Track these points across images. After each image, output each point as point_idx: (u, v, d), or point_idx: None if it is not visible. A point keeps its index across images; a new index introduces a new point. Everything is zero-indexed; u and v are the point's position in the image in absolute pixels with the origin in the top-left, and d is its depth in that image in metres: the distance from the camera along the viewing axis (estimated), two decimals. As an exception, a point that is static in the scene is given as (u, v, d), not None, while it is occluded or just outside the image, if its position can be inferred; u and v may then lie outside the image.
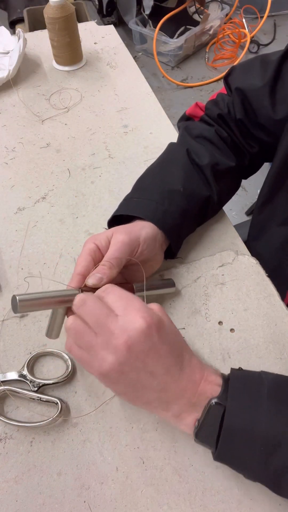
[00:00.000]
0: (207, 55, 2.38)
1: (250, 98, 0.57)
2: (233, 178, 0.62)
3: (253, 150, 0.61)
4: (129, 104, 0.78)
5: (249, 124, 0.59)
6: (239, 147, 0.61)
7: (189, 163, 0.55)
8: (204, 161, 0.55)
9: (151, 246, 0.48)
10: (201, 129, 0.60)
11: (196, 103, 0.64)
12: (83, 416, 0.44)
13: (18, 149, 0.71)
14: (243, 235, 0.62)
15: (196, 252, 0.57)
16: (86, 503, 0.39)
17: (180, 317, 0.51)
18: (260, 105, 0.56)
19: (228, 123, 0.60)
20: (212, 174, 0.55)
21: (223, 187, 0.57)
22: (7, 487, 0.40)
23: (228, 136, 0.59)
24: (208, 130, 0.59)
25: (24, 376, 0.45)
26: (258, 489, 0.40)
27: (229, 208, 1.65)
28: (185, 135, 0.60)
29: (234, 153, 0.60)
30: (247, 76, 0.58)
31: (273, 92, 0.55)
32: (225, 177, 0.58)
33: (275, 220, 0.61)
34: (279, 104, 0.55)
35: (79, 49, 0.85)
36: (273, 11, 2.48)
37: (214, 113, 0.60)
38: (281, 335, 0.49)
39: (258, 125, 0.58)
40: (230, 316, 0.51)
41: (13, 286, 0.53)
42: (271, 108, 0.55)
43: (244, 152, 0.61)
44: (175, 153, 0.58)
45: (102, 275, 0.42)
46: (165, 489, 0.40)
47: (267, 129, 0.58)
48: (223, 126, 0.60)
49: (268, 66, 0.56)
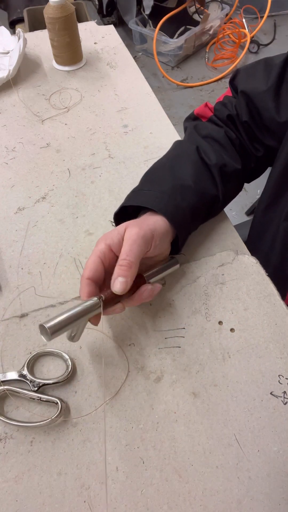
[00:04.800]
0: (207, 55, 2.38)
1: (255, 101, 0.57)
2: (238, 181, 0.62)
3: (258, 153, 0.61)
4: (129, 104, 0.78)
5: (255, 127, 0.59)
6: (246, 150, 0.61)
7: (200, 161, 0.55)
8: (212, 161, 0.55)
9: (163, 240, 0.47)
10: (210, 130, 0.60)
11: (206, 104, 0.63)
12: (83, 416, 0.44)
13: (18, 149, 0.71)
14: (243, 235, 0.62)
15: (196, 252, 0.57)
16: (86, 503, 0.39)
17: (180, 317, 0.51)
18: (264, 108, 0.57)
19: (236, 125, 0.60)
20: (220, 174, 0.55)
21: (228, 188, 0.57)
22: (7, 487, 0.40)
23: (236, 138, 0.60)
24: (217, 131, 0.59)
25: (24, 376, 0.45)
26: (258, 489, 0.40)
27: (229, 208, 1.65)
28: (194, 133, 0.60)
29: (241, 156, 0.60)
30: (251, 80, 0.58)
31: (277, 95, 0.56)
32: (231, 179, 0.58)
33: (279, 219, 0.60)
34: (283, 107, 0.55)
35: (79, 49, 0.85)
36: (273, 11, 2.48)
37: (223, 114, 0.60)
38: (282, 334, 0.49)
39: (264, 127, 0.58)
40: (230, 315, 0.51)
41: (13, 286, 0.53)
42: (275, 111, 0.55)
43: (250, 155, 0.61)
44: (185, 150, 0.57)
45: (125, 278, 0.41)
46: (165, 489, 0.40)
47: (271, 132, 0.58)
48: (231, 127, 0.60)
49: (272, 69, 0.56)
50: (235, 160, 0.58)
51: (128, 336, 0.49)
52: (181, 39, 2.15)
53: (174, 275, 0.54)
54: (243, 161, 0.60)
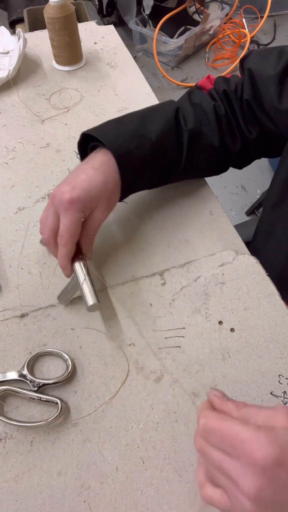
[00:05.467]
0: (207, 55, 2.38)
1: (259, 82, 0.57)
2: (214, 157, 0.60)
3: (251, 136, 0.60)
4: (129, 104, 0.78)
5: (256, 106, 0.58)
6: (234, 129, 0.60)
7: (173, 121, 0.56)
8: (188, 126, 0.56)
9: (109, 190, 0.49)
10: (202, 99, 0.59)
11: (208, 76, 0.63)
12: (83, 416, 0.44)
13: (18, 149, 0.71)
14: (243, 235, 0.61)
15: (196, 251, 0.57)
16: (86, 503, 0.39)
17: (180, 317, 0.51)
18: (266, 91, 0.56)
19: (231, 102, 0.59)
20: (189, 141, 0.56)
21: (197, 159, 0.58)
22: (7, 487, 0.40)
23: (225, 115, 0.59)
24: (208, 103, 0.59)
25: (24, 376, 0.45)
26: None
27: (229, 208, 1.65)
28: (185, 97, 0.60)
29: (226, 134, 0.59)
30: (262, 62, 0.57)
31: (282, 82, 0.55)
32: (204, 152, 0.58)
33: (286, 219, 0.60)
34: (286, 95, 0.55)
35: (79, 49, 0.85)
36: (273, 11, 2.48)
37: (220, 88, 0.60)
38: (282, 334, 0.49)
39: (263, 111, 0.58)
40: (230, 315, 0.51)
41: (13, 286, 0.53)
42: (276, 98, 0.55)
43: (237, 136, 0.60)
44: (165, 107, 0.58)
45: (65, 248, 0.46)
46: (165, 489, 0.40)
47: (270, 117, 0.57)
48: (224, 103, 0.59)
49: (283, 56, 0.56)
50: (213, 135, 0.58)
51: (128, 336, 0.49)
52: (181, 39, 2.15)
53: (174, 274, 0.54)
54: (226, 140, 0.59)
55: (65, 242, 0.46)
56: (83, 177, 0.48)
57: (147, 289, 0.53)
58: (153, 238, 0.58)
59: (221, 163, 0.63)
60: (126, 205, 0.62)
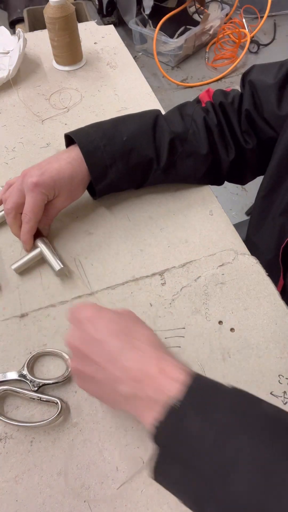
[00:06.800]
0: (207, 55, 2.38)
1: (260, 91, 0.58)
2: (199, 165, 0.60)
3: (247, 146, 0.60)
4: (129, 104, 0.78)
5: (256, 115, 0.59)
6: (227, 139, 0.60)
7: (150, 122, 0.57)
8: (172, 128, 0.57)
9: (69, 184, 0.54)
10: (194, 111, 0.60)
11: (208, 89, 0.64)
12: (83, 416, 0.44)
13: (18, 149, 0.71)
14: (243, 234, 0.62)
15: (196, 251, 0.57)
16: (86, 503, 0.39)
17: (180, 317, 0.51)
18: (266, 99, 0.57)
19: (227, 113, 0.60)
20: (170, 142, 0.57)
21: (181, 164, 0.59)
22: (7, 487, 0.40)
23: (217, 125, 0.59)
24: (199, 115, 0.59)
25: (24, 376, 0.45)
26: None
27: (229, 208, 1.65)
28: (174, 109, 0.61)
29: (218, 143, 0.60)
30: (262, 74, 0.59)
31: (282, 88, 0.56)
32: (189, 157, 0.59)
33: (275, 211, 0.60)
34: (286, 100, 0.55)
35: (79, 49, 0.85)
36: (273, 11, 2.48)
37: (217, 100, 0.61)
38: (282, 334, 0.49)
39: (263, 118, 0.58)
40: (230, 315, 0.51)
41: (13, 286, 0.53)
42: (276, 104, 0.56)
43: (231, 146, 0.60)
44: (146, 112, 0.60)
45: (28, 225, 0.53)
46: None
47: (270, 124, 0.58)
48: (219, 114, 0.60)
49: (282, 68, 0.57)
50: (201, 143, 0.59)
51: (128, 336, 0.49)
52: (181, 39, 2.15)
53: (174, 274, 0.54)
54: (218, 149, 0.60)
55: (29, 219, 0.52)
56: (55, 166, 0.53)
57: (147, 289, 0.53)
58: (153, 238, 0.58)
59: (213, 172, 0.63)
60: (126, 205, 0.62)
